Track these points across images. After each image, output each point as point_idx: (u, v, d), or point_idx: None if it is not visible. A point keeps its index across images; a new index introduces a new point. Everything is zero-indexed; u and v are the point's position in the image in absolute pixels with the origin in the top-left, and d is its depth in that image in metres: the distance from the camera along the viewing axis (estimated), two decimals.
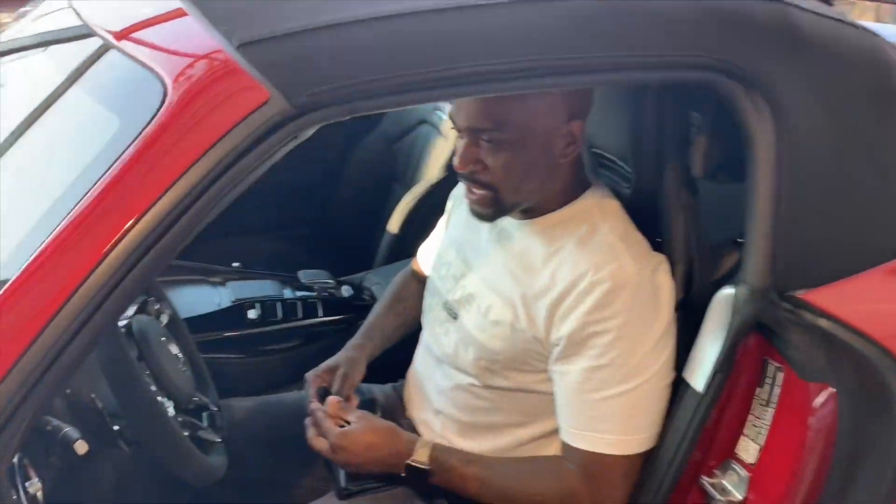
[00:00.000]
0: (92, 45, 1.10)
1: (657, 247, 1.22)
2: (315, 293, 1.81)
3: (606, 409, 1.12)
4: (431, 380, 1.35)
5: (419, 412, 1.39)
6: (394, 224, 2.13)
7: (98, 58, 1.09)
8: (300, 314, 1.73)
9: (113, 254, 0.83)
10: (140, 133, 0.86)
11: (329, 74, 0.89)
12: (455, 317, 1.28)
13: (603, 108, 1.30)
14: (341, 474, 1.26)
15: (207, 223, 2.48)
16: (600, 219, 1.18)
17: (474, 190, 1.17)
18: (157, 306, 1.33)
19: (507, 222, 1.25)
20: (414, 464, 1.18)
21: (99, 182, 0.86)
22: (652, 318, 1.12)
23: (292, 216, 2.57)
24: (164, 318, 1.34)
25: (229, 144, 0.85)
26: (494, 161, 1.12)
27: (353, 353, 1.41)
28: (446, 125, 2.21)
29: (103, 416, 1.08)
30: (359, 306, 1.84)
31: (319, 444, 1.22)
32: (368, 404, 1.40)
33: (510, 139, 1.11)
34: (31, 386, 0.82)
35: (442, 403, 1.32)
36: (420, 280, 1.51)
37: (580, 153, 1.20)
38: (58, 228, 0.85)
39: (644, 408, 1.14)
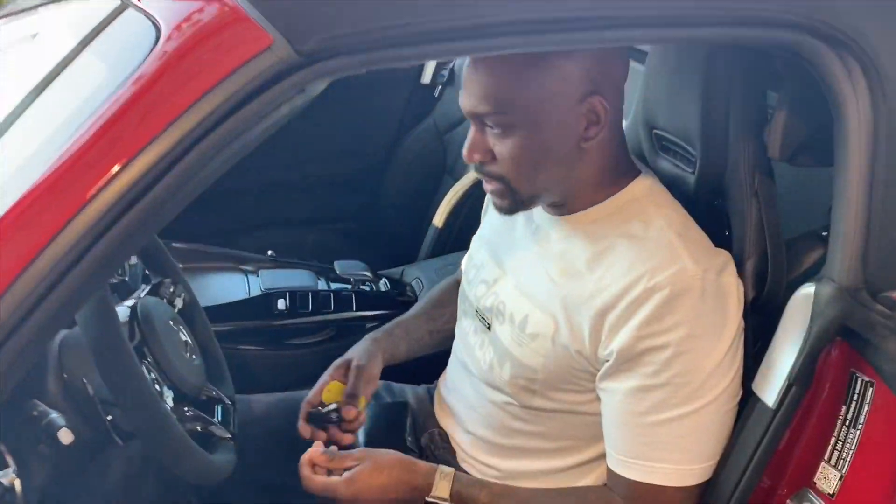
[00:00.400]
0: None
1: (725, 240, 1.07)
2: (350, 285, 1.71)
3: (663, 434, 0.97)
4: (462, 395, 1.22)
5: (448, 426, 1.26)
6: (439, 217, 2.01)
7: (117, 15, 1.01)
8: (332, 307, 1.62)
9: (97, 200, 0.72)
10: (129, 77, 0.76)
11: (340, 19, 0.77)
12: (488, 327, 1.14)
13: (665, 83, 1.16)
14: None
15: (249, 212, 2.41)
16: (654, 212, 1.03)
17: (488, 180, 1.03)
18: (171, 289, 1.23)
19: (544, 219, 1.10)
20: (434, 500, 1.04)
21: (86, 126, 0.76)
22: (718, 329, 0.97)
23: (337, 209, 2.49)
24: (179, 303, 1.24)
25: (226, 92, 0.74)
26: (502, 149, 0.98)
27: (367, 346, 1.26)
28: None
29: (94, 403, 0.98)
30: (397, 302, 1.72)
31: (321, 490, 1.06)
32: (399, 408, 1.29)
33: (518, 123, 0.96)
34: None
35: (473, 422, 1.18)
36: None
37: (616, 135, 1.04)
38: (37, 175, 0.75)
39: (707, 433, 0.98)
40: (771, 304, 1.02)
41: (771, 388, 0.94)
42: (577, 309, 1.01)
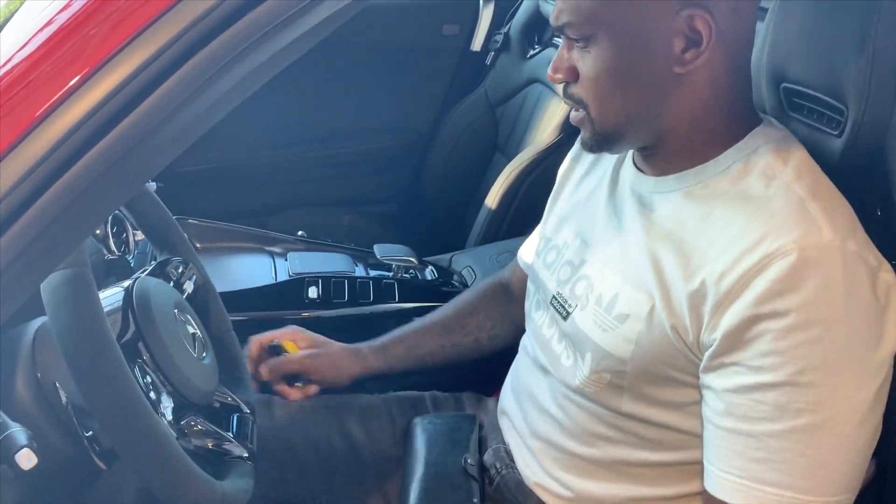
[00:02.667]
0: None
1: (875, 222, 0.84)
2: (392, 273, 1.47)
3: (780, 450, 0.74)
4: (533, 396, 1.00)
5: (513, 437, 1.03)
6: (492, 198, 1.78)
7: None
8: (371, 297, 1.39)
9: (50, 119, 0.51)
10: None
11: None
12: (566, 316, 0.92)
13: (805, 25, 0.91)
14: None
15: (277, 191, 2.20)
16: (779, 165, 0.81)
17: (571, 105, 0.88)
18: (180, 269, 1.01)
19: (638, 182, 0.90)
20: None
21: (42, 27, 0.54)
22: (860, 316, 0.74)
23: (376, 189, 2.28)
24: (189, 287, 1.02)
25: None
26: (583, 66, 0.83)
27: (343, 348, 1.17)
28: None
29: (69, 413, 0.76)
30: (444, 292, 1.48)
31: None
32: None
33: (599, 34, 0.81)
34: None
35: (546, 426, 0.96)
36: (512, 289, 1.19)
37: (734, 70, 0.82)
38: None
39: (841, 455, 0.75)
40: None
41: None
42: (677, 283, 0.80)
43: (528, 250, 1.16)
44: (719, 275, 0.76)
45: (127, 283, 0.89)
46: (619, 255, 0.88)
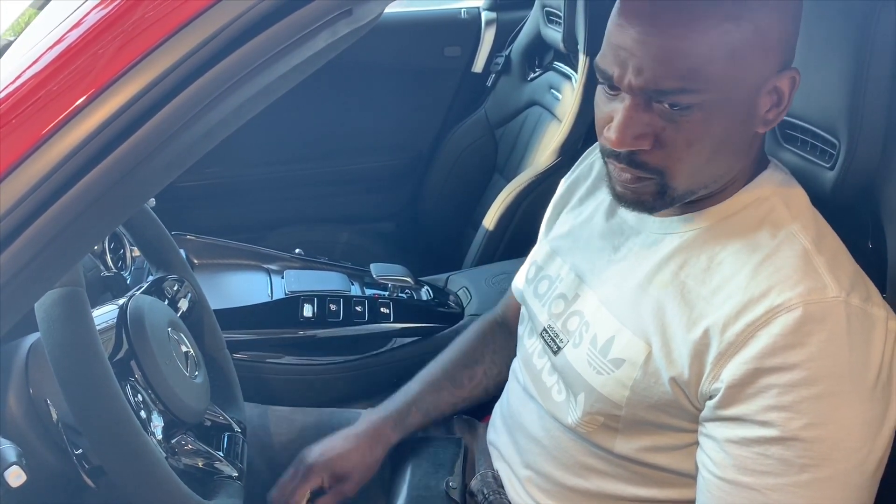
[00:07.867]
0: None
1: (867, 254, 0.85)
2: (388, 292, 1.48)
3: (783, 503, 0.73)
4: (521, 424, 0.99)
5: (502, 464, 1.03)
6: (490, 220, 1.78)
7: None
8: (366, 317, 1.39)
9: (54, 139, 0.51)
10: None
11: None
12: (556, 350, 0.91)
13: (798, 55, 0.92)
14: None
15: (275, 206, 2.20)
16: (784, 215, 0.81)
17: (631, 171, 0.79)
18: (175, 287, 1.01)
19: (638, 220, 0.89)
20: None
21: (49, 47, 0.55)
22: (864, 370, 0.73)
23: (374, 207, 2.29)
24: (184, 305, 1.02)
25: (237, 8, 0.52)
26: (675, 134, 0.75)
27: (358, 445, 1.05)
28: (562, 107, 1.85)
29: (59, 431, 0.76)
30: (439, 313, 1.48)
31: None
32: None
33: (706, 101, 0.73)
34: None
35: (534, 455, 0.96)
36: (509, 325, 1.17)
37: None
38: None
39: None
40: None
41: None
42: (678, 331, 0.79)
43: (522, 278, 1.16)
44: (723, 325, 0.75)
45: (122, 300, 0.90)
46: (617, 297, 0.87)
